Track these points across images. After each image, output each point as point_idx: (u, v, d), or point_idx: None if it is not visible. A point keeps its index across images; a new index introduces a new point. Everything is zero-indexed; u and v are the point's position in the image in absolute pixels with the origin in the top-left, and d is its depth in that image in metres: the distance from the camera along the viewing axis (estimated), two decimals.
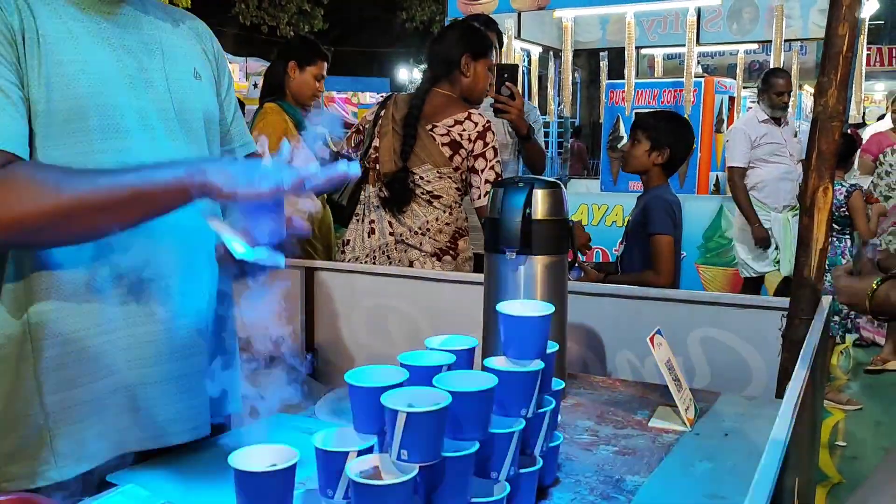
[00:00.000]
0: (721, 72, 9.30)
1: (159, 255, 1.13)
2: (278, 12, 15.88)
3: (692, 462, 1.23)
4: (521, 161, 3.18)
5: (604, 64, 8.33)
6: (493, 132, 2.55)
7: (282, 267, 1.07)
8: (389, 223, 2.61)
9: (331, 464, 0.89)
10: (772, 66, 6.26)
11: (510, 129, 3.04)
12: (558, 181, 1.54)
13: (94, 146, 1.08)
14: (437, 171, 2.54)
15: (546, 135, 9.83)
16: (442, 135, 2.54)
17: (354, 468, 0.85)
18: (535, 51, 7.61)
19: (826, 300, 1.70)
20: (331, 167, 1.00)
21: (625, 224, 2.84)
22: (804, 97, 10.35)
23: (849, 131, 5.09)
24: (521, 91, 2.95)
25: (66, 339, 1.09)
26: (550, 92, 8.72)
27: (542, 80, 8.64)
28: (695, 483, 1.15)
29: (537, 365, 1.01)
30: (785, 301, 1.74)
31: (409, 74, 19.79)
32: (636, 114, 2.89)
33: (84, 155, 1.07)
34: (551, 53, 7.96)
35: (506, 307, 1.03)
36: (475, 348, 1.10)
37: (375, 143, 2.64)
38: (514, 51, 6.63)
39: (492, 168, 2.55)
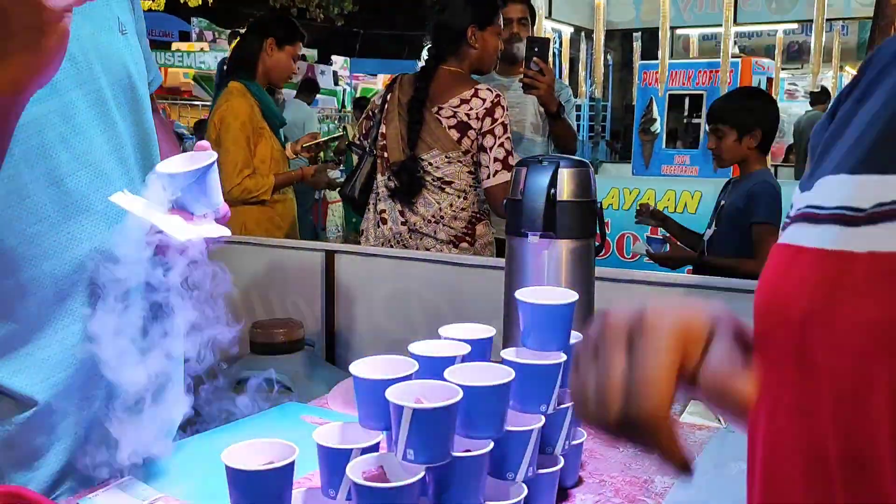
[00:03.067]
0: (759, 52, 9.07)
1: (62, 259, 0.95)
2: None
3: (726, 462, 1.14)
4: (551, 143, 3.07)
5: (637, 45, 8.15)
6: (502, 107, 2.42)
7: (225, 236, 0.96)
8: (401, 212, 2.52)
9: (333, 462, 0.83)
10: (812, 46, 6.07)
11: (541, 109, 2.93)
12: (585, 161, 1.45)
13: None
14: (446, 156, 2.44)
15: (578, 118, 9.69)
16: (448, 117, 2.43)
17: (356, 468, 0.78)
18: (567, 31, 7.45)
19: None
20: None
21: (716, 207, 2.65)
22: (845, 79, 10.07)
23: None
24: (552, 67, 2.81)
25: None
26: (582, 74, 8.57)
27: (574, 62, 8.48)
28: (729, 484, 1.07)
29: (559, 357, 0.93)
30: None
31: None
32: (711, 106, 2.70)
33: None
34: (583, 34, 7.81)
35: (525, 294, 0.95)
36: (492, 338, 1.02)
37: (382, 129, 2.54)
38: (545, 31, 6.49)
39: (501, 145, 2.41)
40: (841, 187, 0.51)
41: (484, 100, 2.41)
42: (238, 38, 3.41)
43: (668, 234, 2.70)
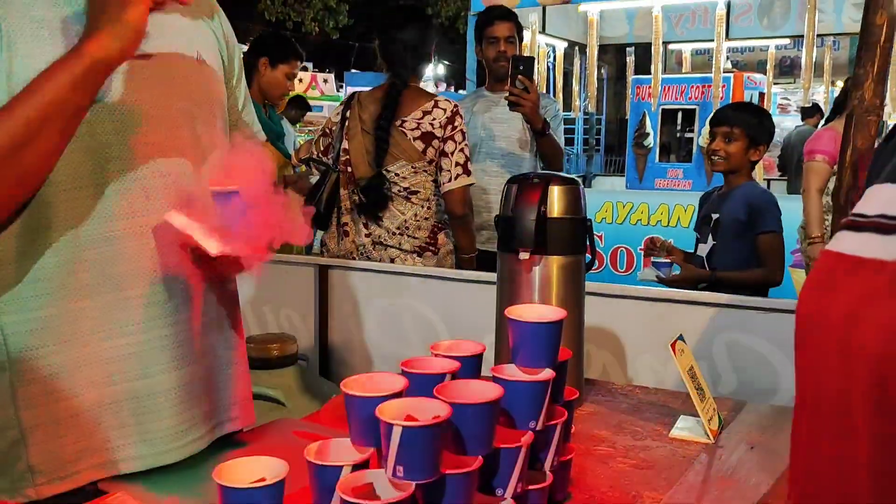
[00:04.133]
0: (751, 67, 9.14)
1: (130, 261, 1.05)
2: (304, 8, 15.90)
3: (715, 477, 1.15)
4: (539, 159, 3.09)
5: (630, 59, 8.20)
6: (460, 116, 2.55)
7: (260, 254, 1.03)
8: (365, 225, 2.58)
9: (323, 479, 0.83)
10: (803, 62, 6.12)
11: (528, 125, 2.95)
12: (575, 177, 1.46)
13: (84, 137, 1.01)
14: (412, 167, 2.52)
15: (571, 131, 9.72)
16: (412, 129, 2.51)
17: (346, 485, 0.79)
18: (560, 46, 7.50)
19: None
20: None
21: (704, 220, 2.65)
22: (836, 94, 10.12)
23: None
24: (537, 85, 2.85)
25: (41, 351, 1.02)
26: (576, 88, 8.61)
27: (568, 75, 8.53)
28: (718, 499, 1.08)
29: (547, 374, 0.94)
30: None
31: (433, 71, 19.74)
32: (725, 109, 2.71)
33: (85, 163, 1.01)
34: (576, 49, 7.85)
35: (514, 312, 0.96)
36: (482, 354, 1.03)
37: (345, 145, 2.60)
38: (539, 45, 6.53)
39: (461, 150, 2.54)
40: (883, 194, 0.54)
41: (444, 110, 2.52)
42: None
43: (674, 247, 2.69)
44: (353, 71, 15.55)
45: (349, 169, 2.57)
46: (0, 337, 1.01)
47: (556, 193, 1.36)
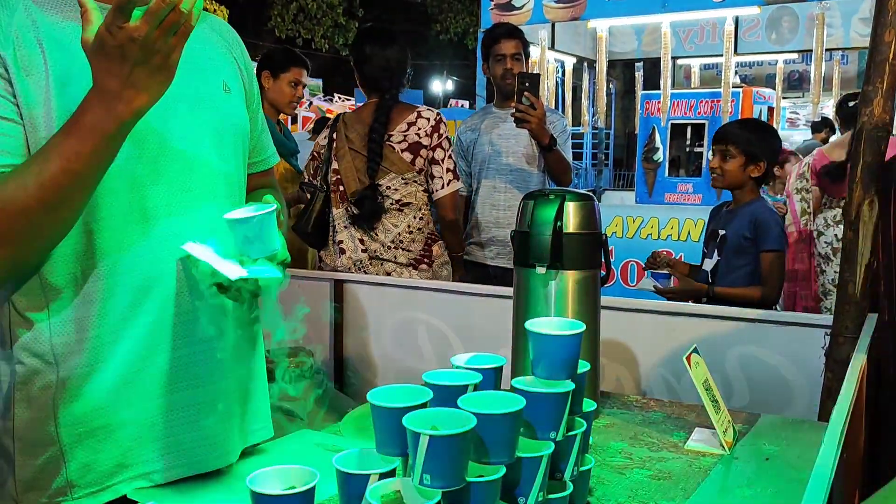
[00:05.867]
0: (760, 82, 9.16)
1: (166, 285, 1.11)
2: (314, 25, 16.04)
3: (731, 488, 1.17)
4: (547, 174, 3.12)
5: (639, 75, 8.24)
6: (444, 123, 2.62)
7: (279, 278, 1.07)
8: (361, 241, 2.63)
9: (352, 486, 0.86)
10: (812, 76, 6.15)
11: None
12: (590, 193, 1.49)
13: (122, 169, 1.05)
14: (402, 178, 2.58)
15: (580, 146, 9.76)
16: (399, 142, 2.58)
17: (375, 493, 0.82)
18: (570, 62, 7.56)
19: (872, 317, 1.63)
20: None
21: (712, 235, 2.68)
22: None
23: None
24: (543, 101, 2.89)
25: (85, 370, 1.06)
26: (584, 103, 8.66)
27: (577, 90, 8.59)
28: None
29: (567, 386, 0.97)
30: (828, 318, 1.68)
31: (442, 86, 19.84)
32: (724, 126, 2.75)
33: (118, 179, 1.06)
34: (585, 64, 7.91)
35: (535, 325, 0.99)
36: (502, 367, 1.06)
37: (334, 166, 2.66)
38: (548, 61, 6.58)
39: (450, 157, 2.62)
40: None
41: (428, 119, 2.60)
42: None
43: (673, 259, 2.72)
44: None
45: (341, 188, 2.64)
46: (52, 357, 1.05)
47: (571, 209, 1.39)
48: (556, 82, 7.45)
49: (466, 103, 11.87)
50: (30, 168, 0.95)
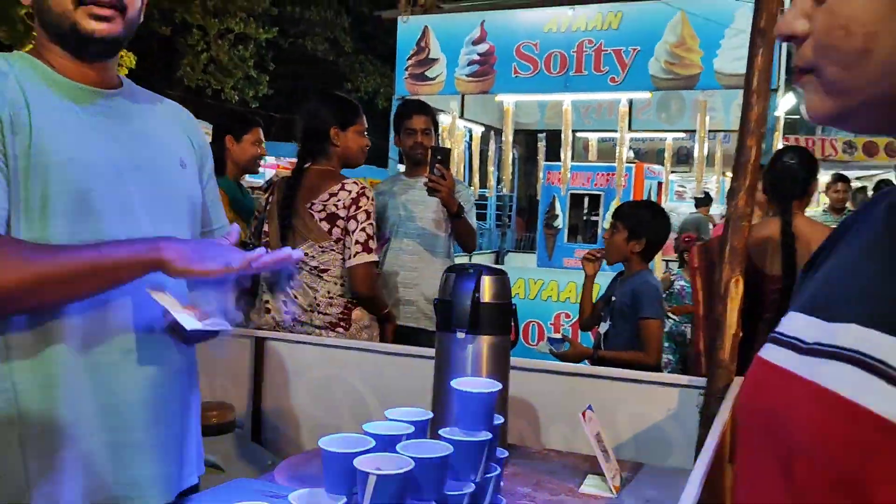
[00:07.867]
0: (651, 156, 9.85)
1: (125, 330, 1.25)
2: (224, 77, 16.04)
3: None
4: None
5: (541, 145, 8.74)
6: (367, 197, 2.67)
7: (229, 332, 1.23)
8: (284, 303, 2.75)
9: None
10: (695, 153, 6.71)
11: (443, 208, 3.20)
12: (503, 269, 1.71)
13: (73, 229, 1.19)
14: (320, 246, 2.68)
15: (484, 206, 10.16)
16: (319, 210, 2.68)
17: None
18: (478, 129, 7.96)
19: (739, 379, 1.90)
20: (275, 251, 1.24)
21: (606, 300, 3.01)
22: (727, 183, 10.97)
23: None
24: (452, 172, 3.12)
25: (47, 405, 1.17)
26: (490, 168, 9.06)
27: (483, 154, 9.00)
28: None
29: (486, 435, 1.16)
30: (703, 380, 1.94)
31: None
32: (622, 205, 3.13)
33: (72, 237, 1.19)
34: (492, 132, 8.33)
35: (460, 384, 1.18)
36: (430, 420, 1.24)
37: (266, 227, 2.80)
38: (458, 128, 6.93)
39: (363, 230, 2.64)
40: (796, 323, 0.67)
41: (350, 191, 2.67)
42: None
43: (566, 335, 3.07)
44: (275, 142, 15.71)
45: (268, 250, 2.75)
46: (12, 394, 1.15)
47: (487, 282, 1.60)
48: (465, 147, 7.81)
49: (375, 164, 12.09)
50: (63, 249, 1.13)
